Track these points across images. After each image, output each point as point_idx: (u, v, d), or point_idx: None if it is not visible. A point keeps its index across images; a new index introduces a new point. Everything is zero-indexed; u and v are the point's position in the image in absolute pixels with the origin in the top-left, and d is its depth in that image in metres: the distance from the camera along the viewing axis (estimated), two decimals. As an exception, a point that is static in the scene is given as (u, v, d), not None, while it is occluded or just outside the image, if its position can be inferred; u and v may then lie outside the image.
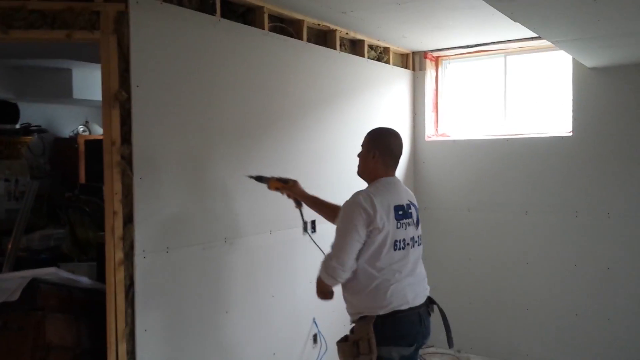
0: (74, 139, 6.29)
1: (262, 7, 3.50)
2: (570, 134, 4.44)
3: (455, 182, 4.99)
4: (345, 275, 2.57)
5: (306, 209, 3.21)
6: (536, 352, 4.63)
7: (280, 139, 3.66)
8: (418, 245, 2.73)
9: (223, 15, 3.28)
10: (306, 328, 3.92)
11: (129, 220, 2.77)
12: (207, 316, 3.18)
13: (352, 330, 2.64)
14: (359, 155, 2.81)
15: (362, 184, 2.81)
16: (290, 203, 3.22)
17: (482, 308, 4.86)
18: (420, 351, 2.78)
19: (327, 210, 3.09)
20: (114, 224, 2.73)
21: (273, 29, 3.65)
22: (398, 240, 2.59)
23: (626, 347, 4.26)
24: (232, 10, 3.45)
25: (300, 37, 3.83)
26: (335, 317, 3.69)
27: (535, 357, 4.63)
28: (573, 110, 4.41)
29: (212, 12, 3.18)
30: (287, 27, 3.79)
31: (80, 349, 3.14)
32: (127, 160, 2.76)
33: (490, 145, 4.81)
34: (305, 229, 3.52)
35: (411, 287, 2.62)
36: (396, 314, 2.55)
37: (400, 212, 2.63)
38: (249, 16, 3.54)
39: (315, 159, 3.96)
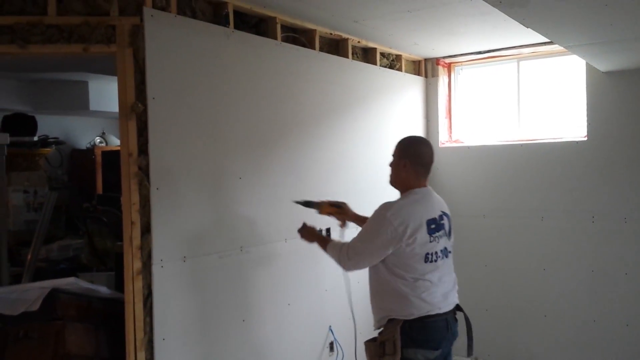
0: (91, 150, 6.37)
1: (275, 18, 3.54)
2: (585, 138, 4.41)
3: (470, 188, 4.97)
4: (352, 270, 2.80)
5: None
6: (554, 358, 4.59)
7: (294, 148, 3.69)
8: (449, 253, 2.75)
9: (236, 27, 3.32)
10: (322, 336, 3.93)
11: (146, 230, 2.81)
12: (224, 324, 3.20)
13: (380, 333, 2.69)
14: (390, 165, 2.82)
15: (376, 192, 2.86)
16: (304, 211, 3.26)
17: (499, 315, 4.83)
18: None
19: None
20: (132, 234, 2.77)
21: (286, 39, 3.68)
22: (430, 253, 2.61)
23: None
24: (245, 22, 3.49)
25: (312, 47, 3.86)
26: (352, 325, 3.69)
27: (554, 364, 4.60)
28: (587, 115, 4.39)
29: (225, 23, 3.22)
30: (299, 37, 3.83)
31: (100, 358, 3.18)
32: (144, 171, 2.80)
33: (505, 150, 4.80)
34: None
35: (441, 296, 2.65)
36: (424, 319, 2.60)
37: (433, 226, 2.64)
38: (261, 27, 3.58)
39: (330, 166, 3.97)
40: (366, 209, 3.39)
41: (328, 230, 3.83)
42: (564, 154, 4.50)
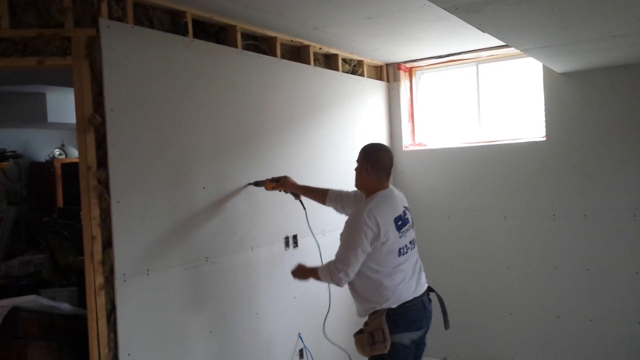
0: (50, 163, 6.25)
1: (235, 26, 3.52)
2: (544, 138, 4.51)
3: (434, 190, 5.03)
4: (346, 282, 2.91)
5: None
6: (520, 355, 4.67)
7: (258, 156, 3.67)
8: (414, 244, 3.05)
9: (195, 36, 3.30)
10: (292, 343, 3.92)
11: (108, 244, 2.76)
12: (190, 336, 3.16)
13: (365, 324, 2.94)
14: (355, 170, 3.07)
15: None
16: (273, 216, 3.43)
17: (466, 314, 4.89)
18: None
19: (318, 195, 3.50)
20: (93, 249, 2.72)
21: (246, 47, 3.67)
22: (401, 247, 2.91)
23: (609, 348, 4.32)
24: (205, 31, 3.46)
25: (274, 54, 3.86)
26: (320, 332, 3.70)
27: (521, 361, 4.68)
28: (546, 116, 4.48)
29: (184, 33, 3.19)
30: (260, 44, 3.82)
31: (64, 376, 3.11)
32: (104, 184, 2.75)
33: (467, 152, 4.86)
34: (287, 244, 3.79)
35: (414, 281, 2.97)
36: (404, 305, 2.88)
37: (399, 222, 2.92)
38: (221, 35, 3.55)
39: (295, 173, 3.94)
40: (334, 215, 3.43)
41: (295, 237, 3.86)
42: (524, 154, 4.59)
